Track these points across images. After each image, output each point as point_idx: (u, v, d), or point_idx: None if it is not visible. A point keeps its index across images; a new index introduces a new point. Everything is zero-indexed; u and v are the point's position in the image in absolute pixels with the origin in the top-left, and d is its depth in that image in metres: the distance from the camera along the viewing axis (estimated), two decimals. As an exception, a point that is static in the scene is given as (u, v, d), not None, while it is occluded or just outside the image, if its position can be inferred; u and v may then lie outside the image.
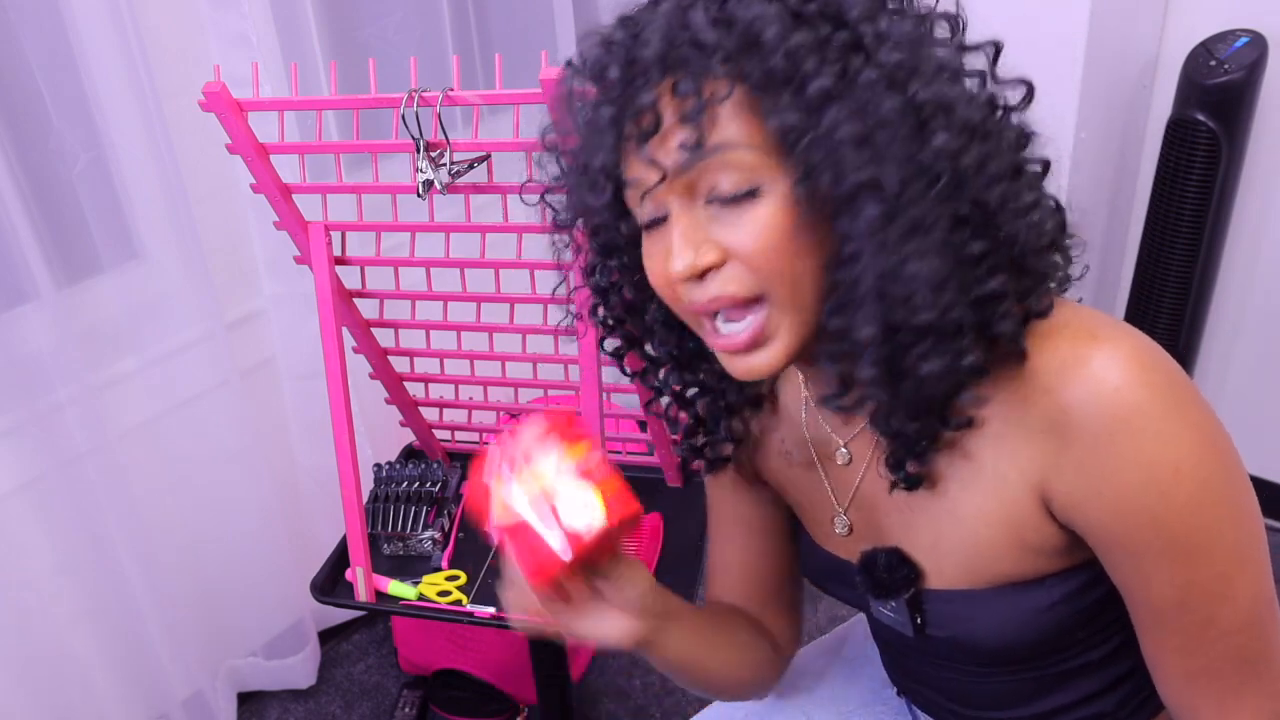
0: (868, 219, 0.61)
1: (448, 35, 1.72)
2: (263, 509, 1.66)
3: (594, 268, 0.80)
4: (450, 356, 1.32)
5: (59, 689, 1.50)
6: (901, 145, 0.60)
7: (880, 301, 0.62)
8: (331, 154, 1.18)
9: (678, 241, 0.65)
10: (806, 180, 0.61)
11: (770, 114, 0.61)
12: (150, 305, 1.50)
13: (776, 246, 0.63)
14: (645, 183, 0.65)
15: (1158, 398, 0.64)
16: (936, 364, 0.64)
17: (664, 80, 0.62)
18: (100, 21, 1.28)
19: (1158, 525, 0.65)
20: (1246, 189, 1.76)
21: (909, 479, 0.73)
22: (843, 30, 0.61)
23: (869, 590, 0.80)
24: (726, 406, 0.85)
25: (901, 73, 0.61)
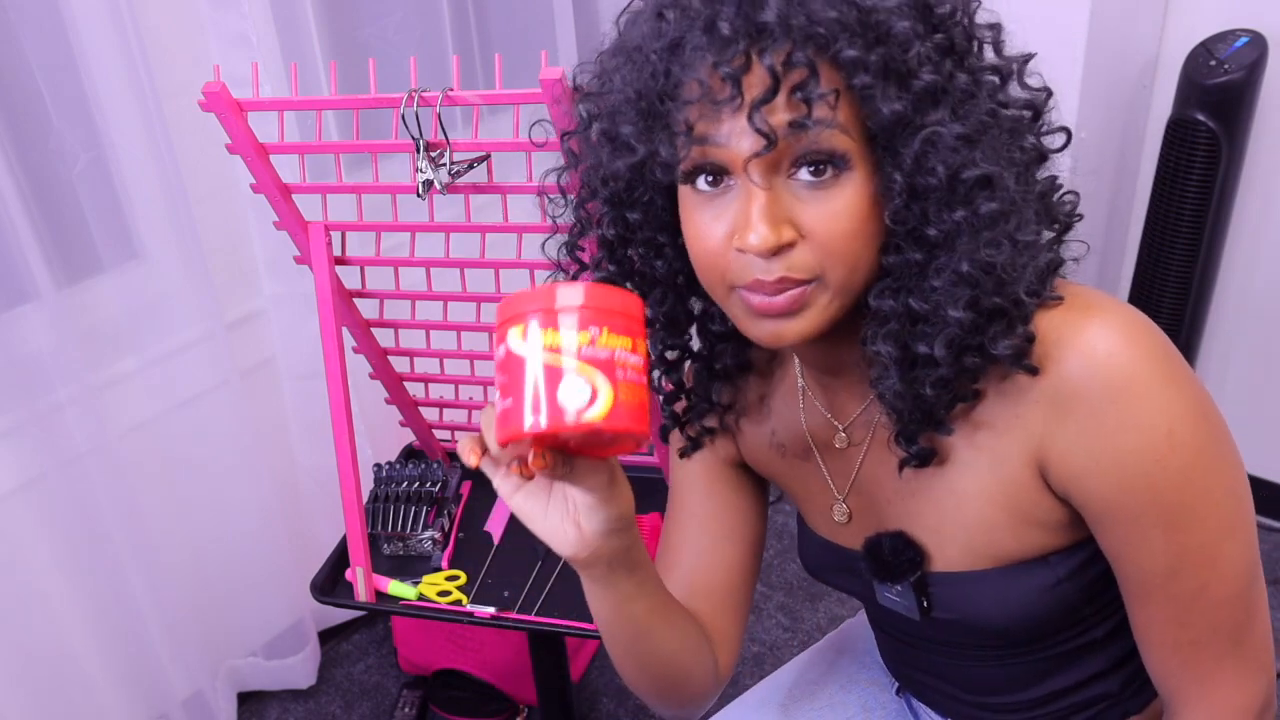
0: (986, 211, 0.64)
1: (448, 35, 1.72)
2: (263, 509, 1.66)
3: (604, 219, 0.76)
4: (450, 356, 1.32)
5: (59, 689, 1.50)
6: (1004, 145, 0.65)
7: (972, 286, 0.64)
8: (331, 154, 1.18)
9: (758, 215, 0.64)
10: (907, 171, 0.63)
11: (879, 103, 0.62)
12: (150, 305, 1.50)
13: (852, 231, 0.64)
14: (736, 147, 0.63)
15: (1152, 365, 0.66)
16: (1007, 345, 0.66)
17: (783, 46, 0.61)
18: (100, 21, 1.28)
19: (1152, 490, 0.67)
20: (1246, 189, 1.76)
21: (921, 453, 0.73)
22: (938, 33, 0.64)
23: (875, 575, 0.80)
24: (720, 371, 0.84)
25: (991, 80, 0.66)
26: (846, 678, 1.04)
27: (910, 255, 0.66)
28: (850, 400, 0.80)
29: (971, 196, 0.64)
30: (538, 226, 1.14)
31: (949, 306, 0.65)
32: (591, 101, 0.73)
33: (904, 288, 0.67)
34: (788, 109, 0.61)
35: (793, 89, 0.61)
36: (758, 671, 1.79)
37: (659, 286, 0.78)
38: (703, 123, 0.64)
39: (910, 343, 0.67)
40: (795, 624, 1.89)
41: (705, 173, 0.66)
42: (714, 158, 0.65)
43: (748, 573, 0.91)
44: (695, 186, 0.67)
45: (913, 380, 0.69)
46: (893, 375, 0.69)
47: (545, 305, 0.58)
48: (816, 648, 1.10)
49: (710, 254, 0.68)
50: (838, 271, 0.65)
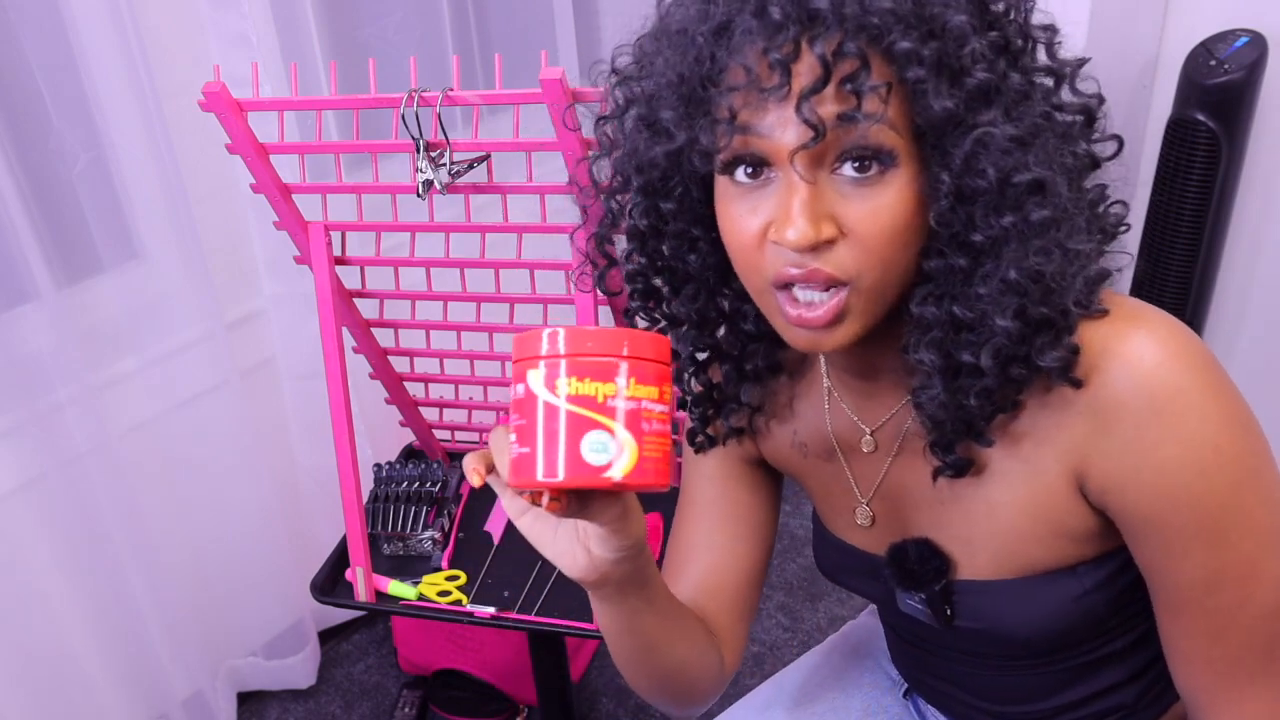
0: (1036, 217, 0.61)
1: (448, 35, 1.72)
2: (263, 509, 1.66)
3: (635, 209, 0.74)
4: (450, 356, 1.32)
5: (59, 689, 1.50)
6: (1056, 149, 0.63)
7: (1020, 295, 0.63)
8: (331, 154, 1.18)
9: (799, 210, 0.61)
10: (956, 172, 0.61)
11: (931, 99, 0.59)
12: (150, 305, 1.50)
13: (894, 230, 0.63)
14: (780, 137, 0.61)
15: (1197, 377, 0.65)
16: (1054, 356, 0.65)
17: (835, 35, 0.59)
18: (100, 21, 1.28)
19: (1195, 503, 0.66)
20: (1246, 189, 1.76)
21: (959, 463, 0.72)
22: (993, 30, 0.62)
23: (898, 582, 0.79)
24: (750, 372, 0.82)
25: (1046, 82, 0.64)
26: (849, 680, 1.04)
27: (954, 260, 0.64)
28: (880, 404, 0.78)
29: (1022, 201, 0.62)
30: (538, 226, 1.14)
31: (996, 315, 0.63)
32: (629, 86, 0.70)
33: (947, 294, 0.65)
34: (836, 101, 0.59)
35: (842, 80, 0.59)
36: (758, 671, 1.79)
37: (690, 282, 0.76)
38: (746, 111, 0.62)
39: (954, 351, 0.66)
40: (795, 624, 1.89)
41: (745, 163, 0.64)
42: (756, 148, 0.63)
43: (757, 573, 0.90)
44: (734, 177, 0.65)
45: (956, 390, 0.67)
46: (936, 385, 0.68)
47: (573, 350, 0.55)
48: (819, 649, 1.09)
49: (746, 247, 0.66)
50: (873, 273, 0.64)
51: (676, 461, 1.37)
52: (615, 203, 0.76)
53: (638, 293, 0.79)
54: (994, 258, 0.63)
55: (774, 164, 0.63)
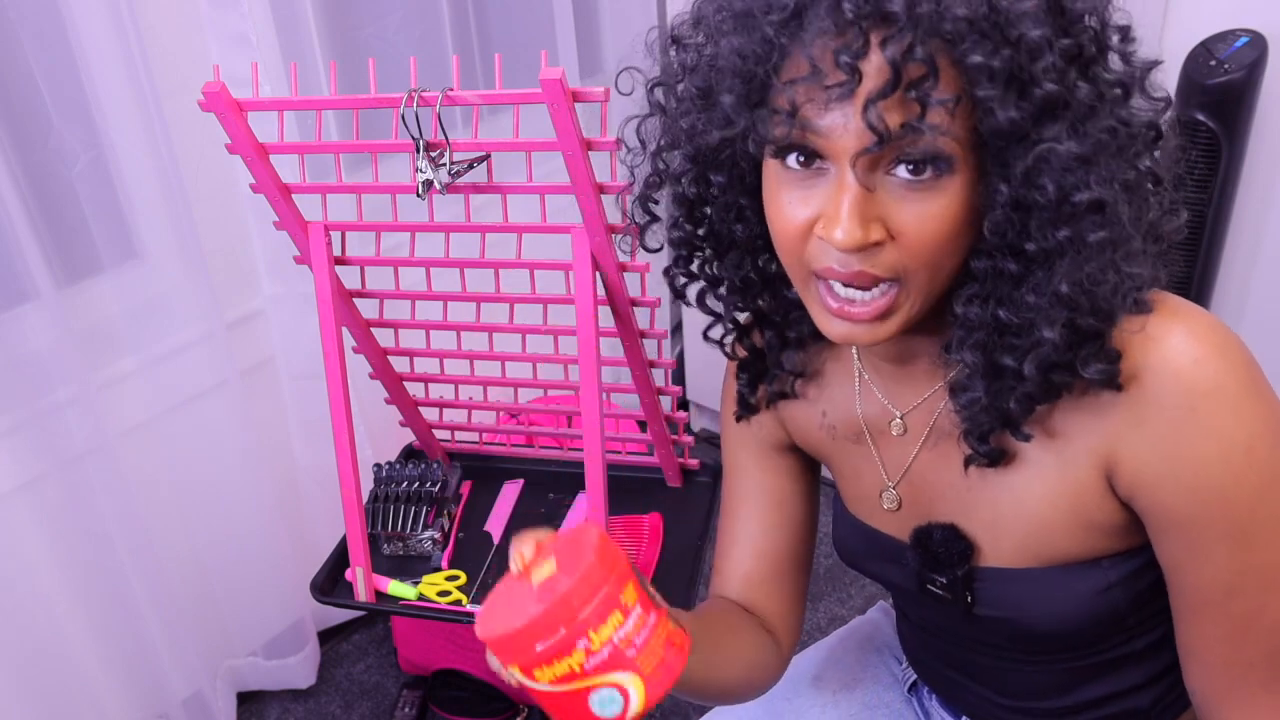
0: (1094, 239, 0.61)
1: (448, 35, 1.72)
2: (263, 509, 1.66)
3: (685, 176, 0.73)
4: (450, 356, 1.32)
5: (59, 689, 1.50)
6: (1121, 165, 0.61)
7: (1069, 309, 0.62)
8: (331, 154, 1.18)
9: (848, 211, 0.61)
10: (1015, 185, 0.60)
11: (997, 111, 0.58)
12: (150, 305, 1.50)
13: (945, 236, 0.62)
14: (840, 136, 0.60)
15: (1236, 376, 0.64)
16: (1098, 369, 0.64)
17: (907, 38, 0.57)
18: (100, 21, 1.28)
19: (1224, 504, 0.65)
20: (1246, 189, 1.76)
21: (992, 453, 0.71)
22: (1066, 37, 0.59)
23: (922, 564, 0.79)
24: (793, 339, 0.82)
25: (1115, 93, 0.62)
26: (852, 675, 1.04)
27: (1003, 264, 0.63)
28: (912, 389, 0.78)
29: (1079, 219, 0.61)
30: (537, 226, 1.14)
31: (1044, 326, 0.63)
32: (686, 52, 0.69)
33: (993, 296, 0.65)
34: (900, 107, 0.58)
35: (909, 86, 0.57)
36: (758, 671, 1.79)
37: (736, 250, 0.76)
38: (809, 106, 0.61)
39: (997, 355, 0.66)
40: (795, 624, 1.89)
41: (799, 151, 0.63)
42: (813, 143, 0.62)
43: (800, 558, 0.93)
44: (785, 162, 0.64)
45: (997, 392, 0.67)
46: (978, 386, 0.68)
47: (523, 648, 0.56)
48: (821, 644, 1.09)
49: (791, 237, 0.65)
50: (921, 275, 0.63)
51: (678, 463, 1.37)
52: (662, 162, 0.75)
53: (680, 255, 0.79)
54: (1046, 268, 0.62)
55: (828, 157, 0.62)
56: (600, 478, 1.14)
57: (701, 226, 0.76)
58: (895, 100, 0.58)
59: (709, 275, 0.79)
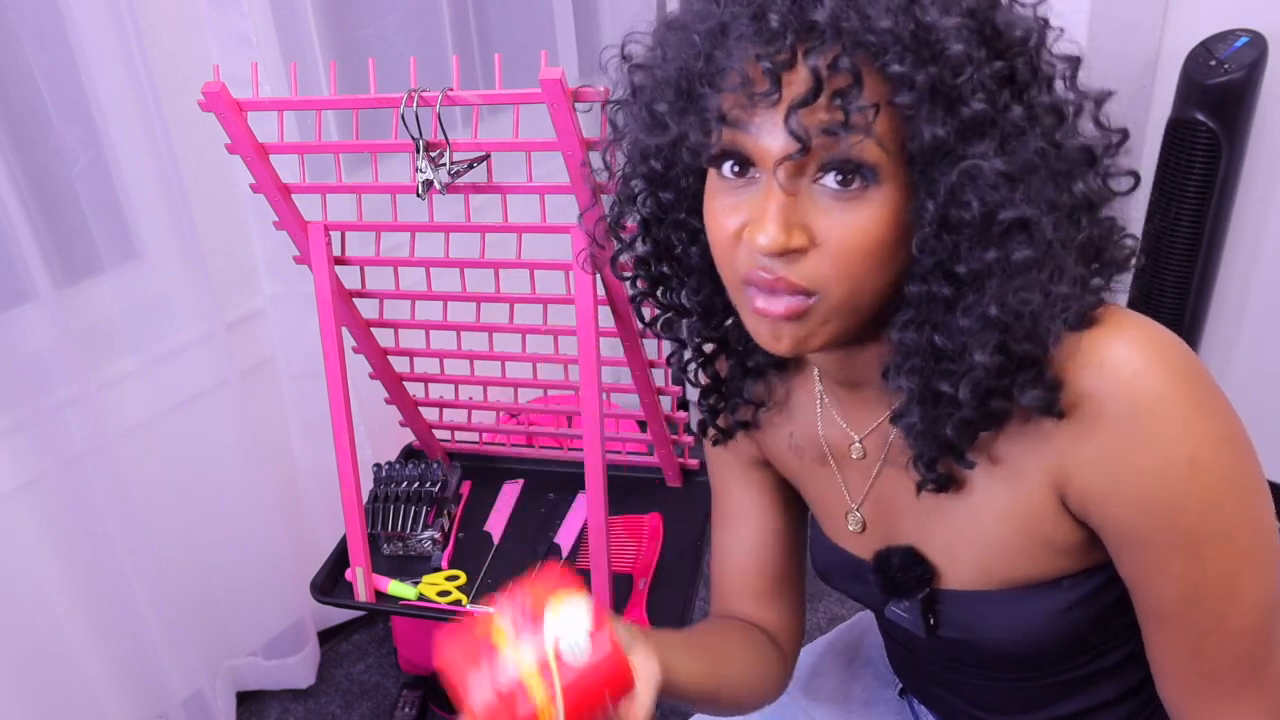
0: (1018, 257, 0.60)
1: (447, 35, 1.72)
2: (263, 509, 1.66)
3: (640, 196, 0.75)
4: (450, 356, 1.32)
5: (59, 689, 1.50)
6: (1050, 188, 0.61)
7: (1001, 331, 0.62)
8: (331, 154, 1.18)
9: (772, 215, 0.62)
10: (940, 201, 0.60)
11: (921, 125, 0.59)
12: (150, 305, 1.50)
13: (868, 248, 0.62)
14: (766, 143, 0.61)
15: (1178, 386, 0.64)
16: (1034, 395, 0.64)
17: (832, 48, 0.58)
18: (100, 21, 1.28)
19: (1172, 515, 0.65)
20: (1246, 189, 1.76)
21: (940, 479, 0.72)
22: (999, 60, 0.60)
23: (882, 589, 0.80)
24: (752, 368, 0.83)
25: (1049, 118, 0.62)
26: (850, 674, 1.04)
27: (937, 288, 0.63)
28: (867, 412, 0.78)
29: (1005, 239, 0.61)
30: (537, 226, 1.14)
31: (975, 350, 0.63)
32: (637, 74, 0.71)
33: (928, 321, 0.65)
34: (825, 112, 0.59)
35: (833, 94, 0.58)
36: (758, 671, 1.79)
37: (694, 274, 0.76)
38: (736, 111, 0.62)
39: (933, 380, 0.66)
40: (795, 624, 1.89)
41: (732, 159, 0.64)
42: (742, 146, 0.63)
43: (793, 568, 0.94)
44: (721, 171, 0.66)
45: (934, 419, 0.67)
46: (914, 413, 0.68)
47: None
48: (821, 641, 1.10)
49: (723, 242, 0.66)
50: (840, 289, 0.63)
51: (678, 463, 1.37)
52: (627, 188, 0.76)
53: (646, 279, 0.80)
54: (976, 290, 0.62)
55: (758, 164, 0.63)
56: (600, 478, 1.14)
57: (662, 250, 0.77)
58: (819, 108, 0.59)
59: (673, 304, 0.80)
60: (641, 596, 1.20)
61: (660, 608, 1.19)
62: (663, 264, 0.78)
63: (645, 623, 1.17)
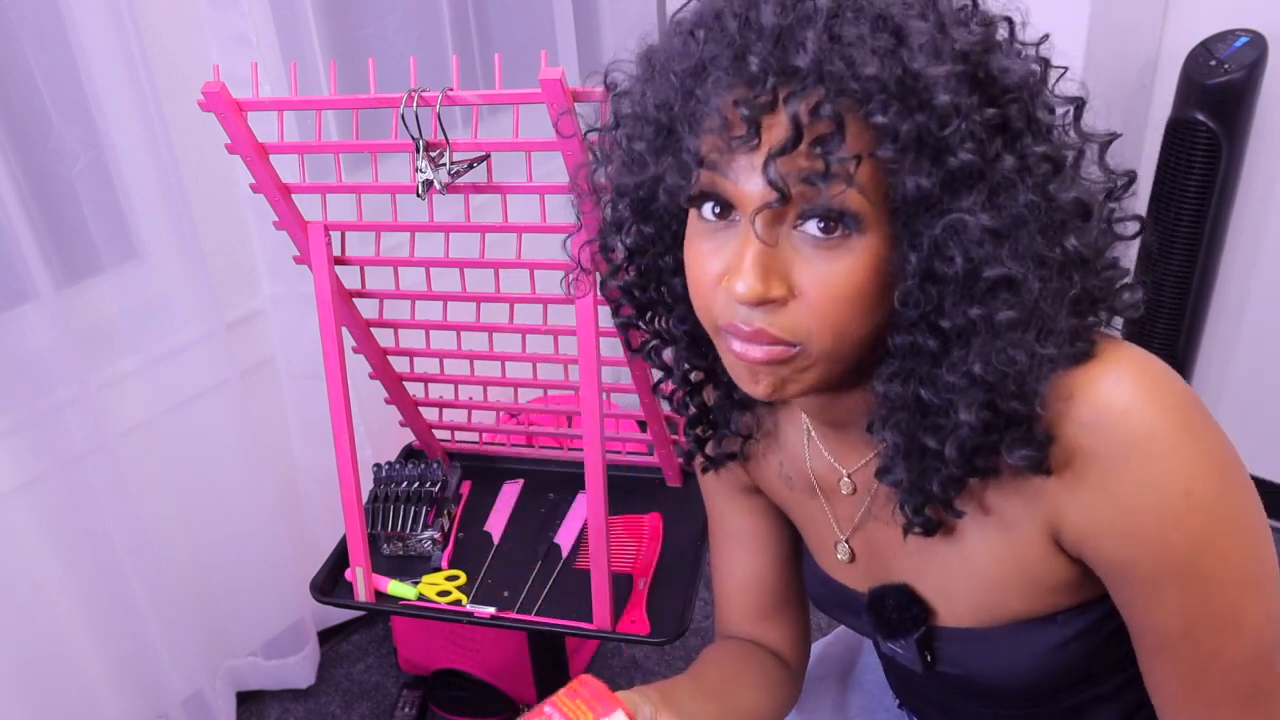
0: (1003, 317, 0.58)
1: (448, 35, 1.72)
2: (263, 509, 1.66)
3: (626, 226, 0.73)
4: (450, 356, 1.32)
5: (59, 689, 1.50)
6: (1039, 243, 0.59)
7: (986, 390, 0.60)
8: (331, 154, 1.18)
9: (750, 264, 0.59)
10: (924, 255, 0.58)
11: (904, 176, 0.56)
12: (150, 305, 1.50)
13: (849, 299, 0.60)
14: (744, 189, 0.59)
15: (1169, 420, 0.62)
16: (1023, 455, 0.63)
17: (813, 94, 0.56)
18: (100, 21, 1.28)
19: (1168, 551, 0.63)
20: (1246, 189, 1.76)
21: (928, 523, 0.70)
22: (991, 107, 0.58)
23: (877, 630, 0.79)
24: (739, 400, 0.81)
25: (1043, 168, 0.59)
26: (849, 680, 1.04)
27: (922, 341, 0.61)
28: (854, 450, 0.77)
29: (990, 297, 0.59)
30: (537, 226, 1.14)
31: (961, 408, 0.61)
32: (620, 101, 0.69)
33: (914, 375, 0.63)
34: (806, 160, 0.57)
35: (814, 141, 0.56)
36: (758, 671, 1.79)
37: (680, 303, 0.75)
38: (714, 154, 0.60)
39: (919, 435, 0.64)
40: (795, 624, 1.89)
41: (712, 201, 0.62)
42: (722, 190, 0.61)
43: (793, 587, 0.94)
44: (702, 213, 0.63)
45: (921, 473, 0.66)
46: (899, 469, 0.66)
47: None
48: (820, 643, 1.09)
49: (702, 286, 0.64)
50: (823, 340, 0.61)
51: (678, 463, 1.37)
52: (615, 214, 0.75)
53: (633, 306, 0.78)
54: (962, 347, 0.60)
55: (738, 208, 0.61)
56: (600, 478, 1.14)
57: (648, 278, 0.76)
58: (800, 155, 0.57)
59: (660, 331, 0.79)
60: (641, 596, 1.20)
61: (660, 608, 1.19)
62: (649, 291, 0.76)
63: (645, 623, 1.17)
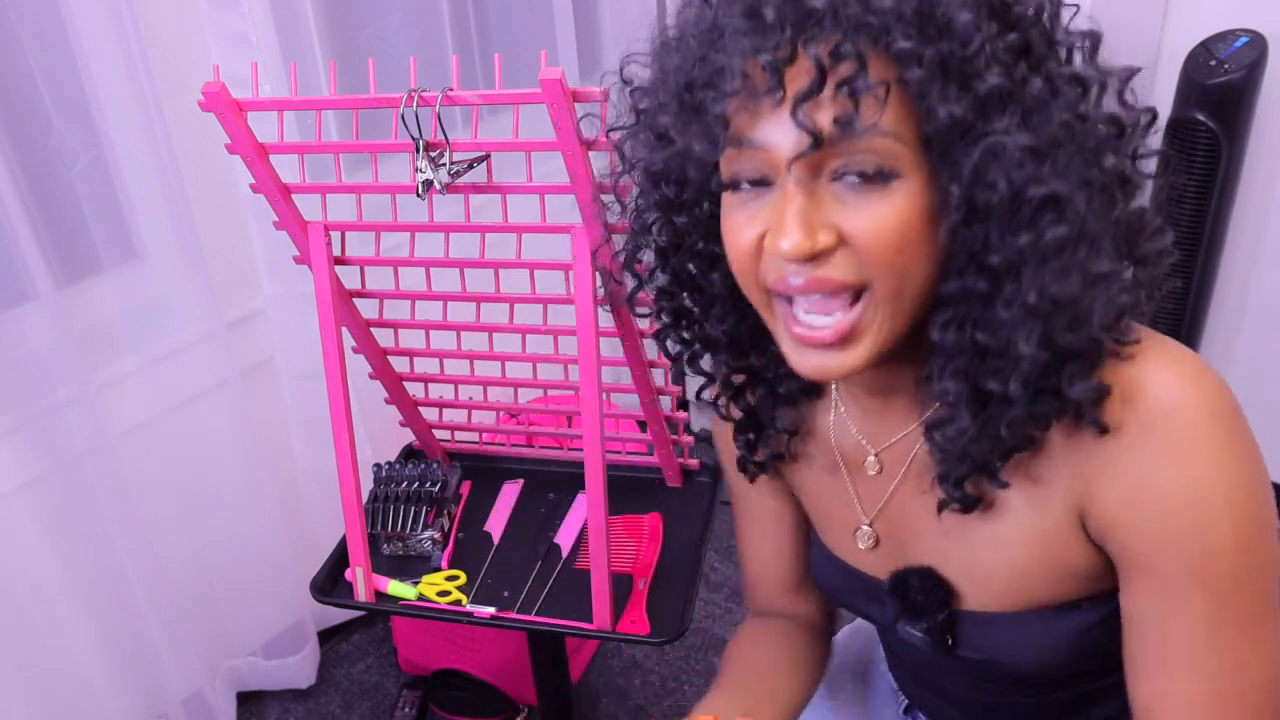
0: (1051, 236, 0.57)
1: (448, 35, 1.72)
2: (263, 509, 1.66)
3: (655, 225, 0.72)
4: (450, 356, 1.32)
5: (59, 689, 1.50)
6: (1080, 162, 0.58)
7: (1043, 320, 0.59)
8: (331, 154, 1.18)
9: (792, 219, 0.58)
10: (965, 184, 0.57)
11: (936, 103, 0.56)
12: (150, 305, 1.50)
13: (900, 240, 0.59)
14: (776, 146, 0.58)
15: (1220, 424, 0.62)
16: (1083, 388, 0.62)
17: (832, 36, 0.55)
18: (100, 21, 1.28)
19: (1203, 553, 0.62)
20: (1246, 189, 1.76)
21: (967, 499, 0.69)
22: (1012, 32, 0.58)
23: (901, 613, 0.77)
24: (784, 395, 0.79)
25: (1071, 88, 0.59)
26: (852, 686, 1.04)
27: (973, 283, 0.60)
28: (888, 426, 0.76)
29: (1037, 218, 0.58)
30: (537, 227, 1.14)
31: (1020, 341, 0.60)
32: (639, 97, 0.69)
33: (968, 319, 0.62)
34: (834, 105, 0.56)
35: (839, 83, 0.55)
36: (758, 671, 1.79)
37: (717, 302, 0.74)
38: (741, 116, 0.59)
39: (980, 380, 0.63)
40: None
41: (746, 178, 0.62)
42: (752, 159, 0.60)
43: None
44: (737, 190, 0.63)
45: (985, 421, 0.64)
46: (964, 416, 0.64)
47: None
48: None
49: (743, 256, 0.63)
50: (887, 281, 0.60)
51: (678, 463, 1.37)
52: (640, 221, 0.74)
53: (668, 313, 0.77)
54: (1014, 281, 0.59)
55: (772, 172, 0.61)
56: (600, 478, 1.14)
57: (682, 280, 0.74)
58: (827, 99, 0.56)
59: (700, 337, 0.78)
60: (641, 596, 1.20)
61: (660, 608, 1.19)
62: (683, 295, 0.75)
63: (645, 623, 1.17)
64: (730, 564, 2.05)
